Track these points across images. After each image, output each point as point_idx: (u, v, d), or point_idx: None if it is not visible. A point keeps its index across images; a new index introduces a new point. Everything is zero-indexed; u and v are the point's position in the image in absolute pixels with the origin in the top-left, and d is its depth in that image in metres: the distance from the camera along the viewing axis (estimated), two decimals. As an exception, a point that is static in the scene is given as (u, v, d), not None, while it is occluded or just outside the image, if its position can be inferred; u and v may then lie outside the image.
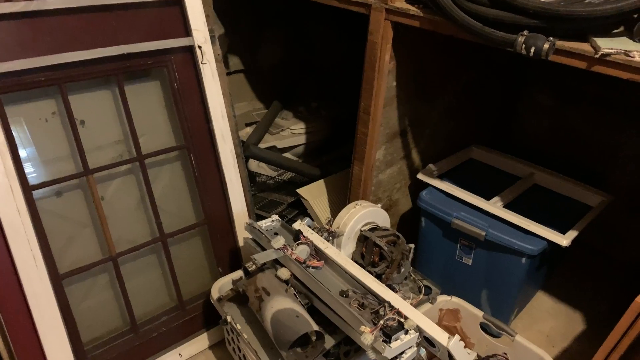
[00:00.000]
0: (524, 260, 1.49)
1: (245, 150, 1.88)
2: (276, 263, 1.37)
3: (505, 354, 1.36)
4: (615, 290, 1.12)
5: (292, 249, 1.33)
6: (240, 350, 1.40)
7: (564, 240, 1.45)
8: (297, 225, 1.44)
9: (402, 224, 1.91)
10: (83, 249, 1.39)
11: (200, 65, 1.47)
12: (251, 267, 1.38)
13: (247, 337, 1.28)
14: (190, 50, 1.46)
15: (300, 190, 1.92)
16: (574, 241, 1.46)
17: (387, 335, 1.11)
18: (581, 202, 1.70)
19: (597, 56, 1.02)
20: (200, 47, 1.46)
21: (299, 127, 2.21)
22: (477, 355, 1.41)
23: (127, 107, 1.40)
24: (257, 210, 1.97)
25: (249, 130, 2.18)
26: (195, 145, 1.51)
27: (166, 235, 1.50)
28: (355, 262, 1.41)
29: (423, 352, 1.25)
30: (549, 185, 1.78)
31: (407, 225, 1.90)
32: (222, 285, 1.47)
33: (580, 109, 2.02)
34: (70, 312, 1.34)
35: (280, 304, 1.22)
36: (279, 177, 2.21)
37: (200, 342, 1.58)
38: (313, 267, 1.33)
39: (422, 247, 1.74)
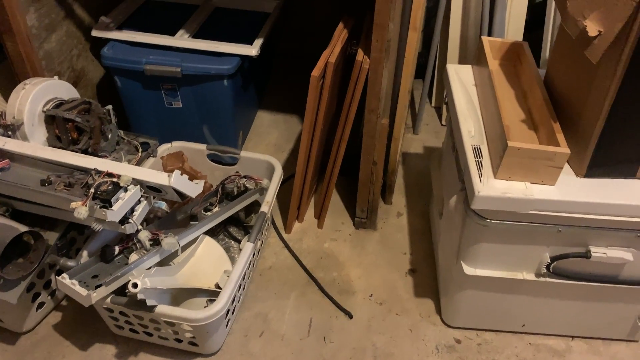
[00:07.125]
0: (226, 82, 1.51)
1: None
2: (-54, 184, 1.10)
3: (237, 172, 1.43)
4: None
5: (-43, 161, 1.08)
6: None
7: (252, 50, 1.49)
8: (-46, 132, 1.16)
9: (101, 93, 1.72)
10: None
11: None
12: None
13: (-52, 277, 1.06)
14: None
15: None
16: (274, 53, 1.50)
17: (106, 200, 1.03)
18: (261, 12, 1.75)
19: None
20: None
21: None
22: (216, 186, 1.44)
23: None
24: None
25: None
26: None
27: None
28: (55, 147, 1.24)
29: (163, 204, 1.22)
30: (228, 4, 1.77)
31: (107, 93, 1.72)
32: None
33: None
34: None
35: (-32, 224, 1.01)
36: None
37: None
38: (-4, 170, 1.12)
39: (128, 107, 1.62)
